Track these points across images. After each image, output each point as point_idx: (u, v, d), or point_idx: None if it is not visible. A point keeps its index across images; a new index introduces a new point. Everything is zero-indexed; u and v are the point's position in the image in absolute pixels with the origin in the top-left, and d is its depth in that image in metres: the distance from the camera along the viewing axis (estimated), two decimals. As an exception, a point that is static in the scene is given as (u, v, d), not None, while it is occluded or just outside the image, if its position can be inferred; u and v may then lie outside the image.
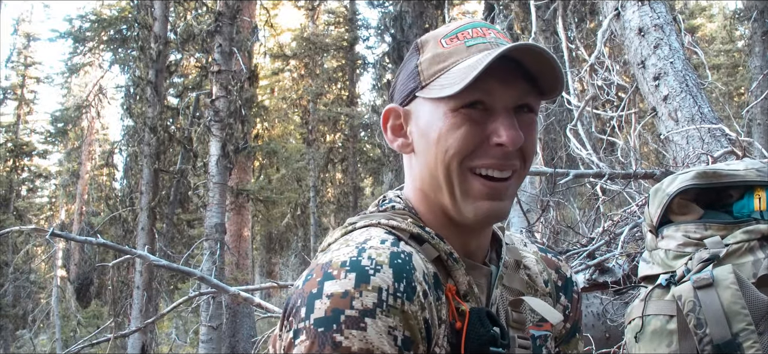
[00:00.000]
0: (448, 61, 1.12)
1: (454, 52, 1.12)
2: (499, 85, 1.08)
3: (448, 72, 1.10)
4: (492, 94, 1.08)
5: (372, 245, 1.02)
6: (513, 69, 1.09)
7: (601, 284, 3.48)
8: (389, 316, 0.94)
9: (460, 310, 1.06)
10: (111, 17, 17.46)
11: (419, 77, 1.14)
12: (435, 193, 1.14)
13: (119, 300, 14.38)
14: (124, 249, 4.29)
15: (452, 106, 1.09)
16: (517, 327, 1.19)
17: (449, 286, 1.08)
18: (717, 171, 1.75)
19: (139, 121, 13.09)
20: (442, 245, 1.11)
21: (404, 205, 1.19)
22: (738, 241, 1.62)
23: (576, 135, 4.91)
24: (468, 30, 1.15)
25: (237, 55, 11.85)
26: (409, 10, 12.76)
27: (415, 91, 1.15)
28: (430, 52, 1.15)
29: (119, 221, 14.27)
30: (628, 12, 4.43)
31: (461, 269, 1.11)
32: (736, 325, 1.50)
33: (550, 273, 1.35)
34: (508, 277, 1.24)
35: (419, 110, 1.15)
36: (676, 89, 3.99)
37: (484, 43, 1.12)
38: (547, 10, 8.06)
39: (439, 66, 1.12)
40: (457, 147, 1.08)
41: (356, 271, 0.96)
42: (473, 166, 1.10)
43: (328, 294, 0.94)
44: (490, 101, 1.09)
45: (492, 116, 1.09)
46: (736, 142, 3.61)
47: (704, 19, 20.98)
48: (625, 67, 5.67)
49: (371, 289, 0.94)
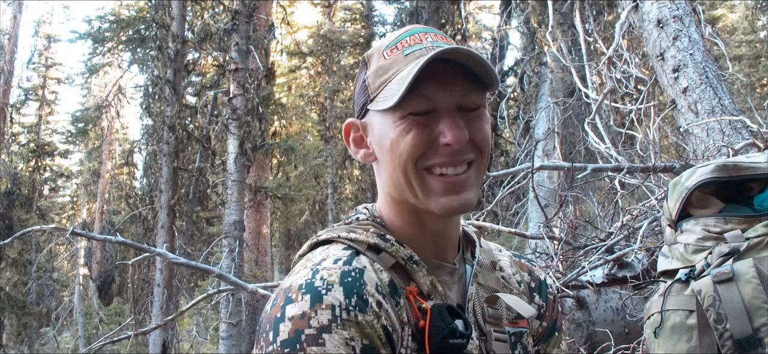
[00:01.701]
0: (389, 72, 1.18)
1: (393, 63, 1.18)
2: (438, 88, 1.14)
3: (390, 83, 1.17)
4: (434, 98, 1.14)
5: (324, 266, 1.10)
6: (452, 69, 1.15)
7: (620, 279, 3.46)
8: (344, 329, 1.02)
9: (422, 308, 1.12)
10: (129, 17, 17.56)
11: (368, 91, 1.21)
12: (401, 195, 1.20)
13: (140, 297, 14.50)
14: (144, 247, 4.32)
15: (399, 115, 1.15)
16: (493, 322, 1.26)
17: (410, 289, 1.15)
18: (737, 164, 1.72)
19: (157, 120, 13.17)
20: (400, 251, 1.18)
21: (369, 215, 1.27)
22: (759, 235, 1.60)
23: (594, 129, 4.88)
24: (406, 38, 1.21)
25: (254, 54, 11.89)
26: (426, 5, 12.72)
27: (366, 105, 1.22)
28: (374, 65, 1.21)
29: (139, 219, 14.38)
30: (647, 3, 4.38)
31: (422, 271, 1.17)
32: (758, 319, 1.49)
33: (523, 275, 1.42)
34: (483, 276, 1.30)
35: (373, 122, 1.21)
36: (695, 81, 3.95)
37: (420, 49, 1.18)
38: (564, 3, 8.01)
39: (382, 78, 1.19)
40: (409, 152, 1.15)
41: (311, 292, 1.05)
42: (428, 166, 1.16)
43: (290, 317, 1.03)
44: (433, 103, 1.15)
45: (437, 117, 1.15)
46: (757, 134, 3.56)
47: (725, 10, 20.72)
48: (644, 60, 5.62)
49: (325, 307, 1.03)
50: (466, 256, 1.31)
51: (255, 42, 12.17)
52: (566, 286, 3.46)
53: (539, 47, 9.61)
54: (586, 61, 5.83)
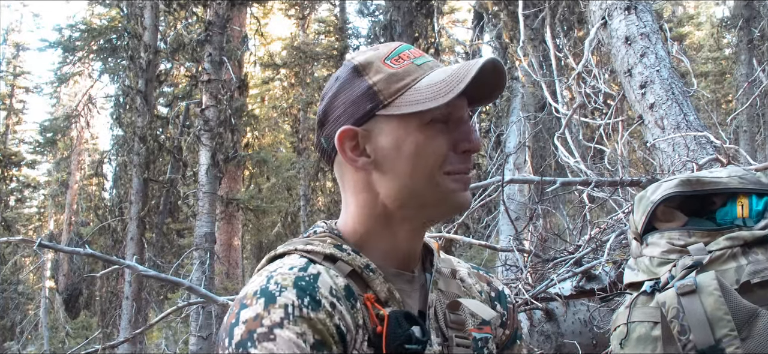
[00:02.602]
0: (407, 79, 1.20)
1: (408, 71, 1.21)
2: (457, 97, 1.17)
3: (412, 88, 1.19)
4: (455, 106, 1.19)
5: (279, 272, 1.13)
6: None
7: (587, 291, 3.50)
8: (296, 324, 1.04)
9: (380, 315, 1.14)
10: (101, 27, 17.40)
11: (378, 96, 1.20)
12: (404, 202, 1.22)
13: (108, 311, 14.32)
14: (112, 259, 4.28)
15: (423, 121, 1.18)
16: (455, 327, 1.28)
17: (367, 296, 1.17)
18: (700, 178, 1.76)
19: (128, 131, 13.05)
20: (356, 260, 1.19)
21: (327, 229, 1.28)
22: (721, 248, 1.63)
23: (564, 143, 4.94)
24: (406, 51, 1.25)
25: (227, 65, 11.86)
26: (399, 19, 12.79)
27: (374, 110, 1.20)
28: (381, 73, 1.21)
29: (108, 231, 14.22)
30: (615, 21, 4.46)
31: (379, 278, 1.19)
32: (719, 330, 1.52)
33: (483, 285, 1.44)
34: (444, 283, 1.33)
35: (381, 128, 1.21)
36: (662, 97, 4.02)
37: (429, 61, 1.24)
38: (535, 19, 8.11)
39: (399, 84, 1.20)
40: (437, 154, 1.19)
41: (265, 295, 1.07)
42: (446, 170, 1.20)
43: (244, 320, 1.05)
44: (452, 113, 1.20)
45: (453, 125, 1.21)
46: (721, 150, 3.63)
47: (692, 27, 21.10)
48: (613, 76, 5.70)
49: (278, 306, 1.05)
50: (426, 265, 1.33)
51: (228, 53, 12.14)
52: (535, 298, 3.49)
53: (511, 62, 9.70)
54: (556, 76, 5.91)
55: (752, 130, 11.62)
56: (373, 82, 1.21)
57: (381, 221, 1.24)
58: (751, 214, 1.69)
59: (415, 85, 1.19)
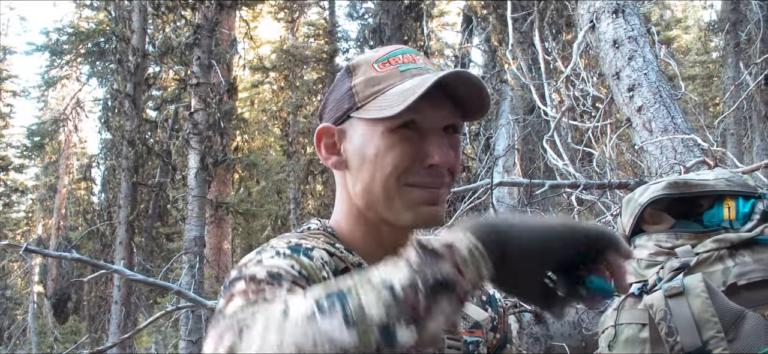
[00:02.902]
0: (383, 84, 1.20)
1: (388, 76, 1.20)
2: (430, 107, 1.16)
3: (385, 94, 1.18)
4: (424, 116, 1.17)
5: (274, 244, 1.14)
6: (441, 93, 1.18)
7: (577, 294, 3.51)
8: (286, 259, 1.05)
9: None
10: (88, 30, 17.34)
11: (354, 98, 1.22)
12: (369, 205, 1.22)
13: (97, 315, 14.26)
14: (100, 264, 4.25)
15: (389, 126, 1.17)
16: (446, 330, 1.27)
17: None
18: (687, 181, 1.77)
19: (117, 135, 13.02)
20: (349, 258, 1.21)
21: (321, 226, 1.29)
22: (708, 250, 1.65)
23: (553, 146, 4.96)
24: (399, 56, 1.24)
25: (216, 68, 11.83)
26: (389, 22, 12.82)
27: (349, 112, 1.22)
28: (364, 75, 1.23)
29: (97, 235, 14.17)
30: (603, 24, 4.48)
31: None
32: (706, 332, 1.53)
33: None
34: None
35: (354, 129, 1.22)
36: (650, 100, 4.04)
37: (416, 68, 1.21)
38: (524, 22, 8.14)
39: (375, 88, 1.20)
40: (394, 164, 1.17)
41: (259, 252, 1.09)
42: (410, 182, 1.18)
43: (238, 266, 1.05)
44: (422, 122, 1.17)
45: (424, 137, 1.18)
46: (708, 152, 3.66)
47: (680, 31, 21.23)
48: (601, 79, 5.73)
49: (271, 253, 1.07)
50: None
51: (217, 56, 12.11)
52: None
53: (500, 65, 9.73)
54: (545, 79, 5.93)
55: (739, 132, 11.69)
56: (354, 84, 1.23)
57: (360, 220, 1.25)
58: (737, 217, 1.70)
59: (388, 91, 1.18)
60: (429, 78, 1.13)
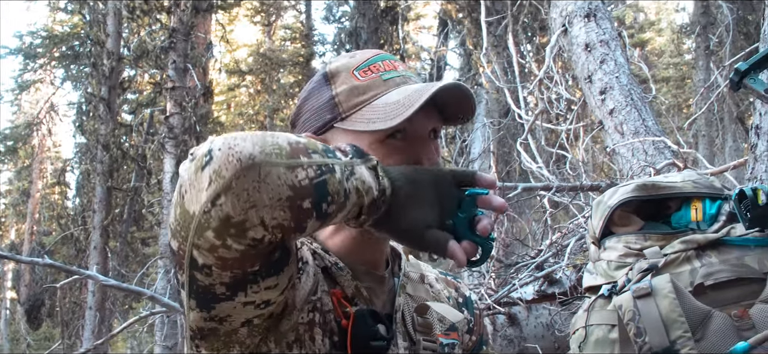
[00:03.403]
0: (368, 93, 1.19)
1: (371, 86, 1.20)
2: (419, 115, 1.15)
3: (371, 105, 1.18)
4: (413, 124, 1.16)
5: None
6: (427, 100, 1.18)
7: (549, 296, 3.53)
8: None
9: (346, 311, 1.15)
10: (63, 33, 17.15)
11: (338, 108, 1.20)
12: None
13: (71, 321, 14.09)
14: (72, 269, 4.21)
15: (378, 137, 1.17)
16: (422, 331, 1.29)
17: (334, 292, 1.17)
18: (656, 183, 1.79)
19: (91, 139, 12.89)
20: (326, 258, 1.21)
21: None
22: (676, 251, 1.66)
23: (527, 148, 4.99)
24: (379, 63, 1.23)
25: (191, 72, 11.76)
26: (365, 26, 12.83)
27: (332, 122, 1.21)
28: (346, 84, 1.21)
29: (71, 240, 14.02)
30: (575, 28, 4.53)
31: (346, 276, 1.20)
32: (674, 332, 1.54)
33: (451, 291, 1.46)
34: (412, 287, 1.34)
35: (337, 140, 1.19)
36: (621, 103, 4.09)
37: (399, 76, 1.21)
38: (498, 26, 8.18)
39: (360, 99, 1.19)
40: None
41: None
42: None
43: None
44: (410, 130, 1.17)
45: (411, 144, 1.18)
46: (678, 155, 3.70)
47: (653, 33, 21.42)
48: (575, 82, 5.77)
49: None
50: (395, 270, 1.34)
51: (193, 60, 12.04)
52: (498, 303, 3.51)
53: (475, 68, 9.77)
54: (519, 82, 5.97)
55: (711, 134, 11.85)
56: (336, 94, 1.21)
57: (339, 229, 1.25)
58: (704, 218, 1.72)
59: (374, 102, 1.18)
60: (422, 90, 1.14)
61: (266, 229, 0.86)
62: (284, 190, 0.84)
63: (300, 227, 0.89)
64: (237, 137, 0.86)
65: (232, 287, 0.94)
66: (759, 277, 1.57)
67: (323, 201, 0.87)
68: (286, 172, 0.85)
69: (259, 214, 0.84)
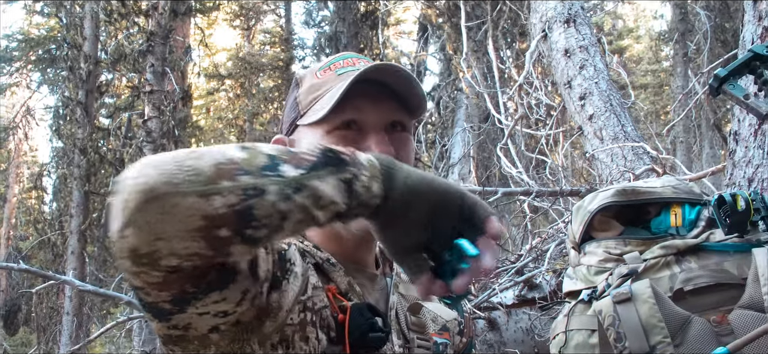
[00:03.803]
0: (321, 89, 1.22)
1: (326, 81, 1.23)
2: (370, 104, 1.18)
3: (321, 99, 1.20)
4: (364, 113, 1.18)
5: None
6: (382, 91, 1.19)
7: (529, 300, 3.54)
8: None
9: (342, 306, 1.15)
10: (39, 37, 17.00)
11: (298, 107, 1.25)
12: None
13: (49, 327, 13.93)
14: (48, 275, 4.16)
15: (327, 129, 1.18)
16: (416, 330, 1.29)
17: (329, 287, 1.17)
18: (635, 188, 1.80)
19: (68, 143, 12.77)
20: (318, 254, 1.21)
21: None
22: (655, 256, 1.67)
23: (507, 153, 5.00)
24: (340, 61, 1.27)
25: (170, 75, 11.69)
26: (344, 30, 12.84)
27: (295, 121, 1.25)
28: (307, 84, 1.26)
29: (48, 245, 13.87)
30: (555, 34, 4.55)
31: (339, 272, 1.21)
32: (653, 337, 1.55)
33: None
34: (404, 287, 1.34)
35: (301, 137, 1.24)
36: (600, 109, 4.11)
37: (354, 70, 1.21)
38: (478, 31, 8.21)
39: (314, 95, 1.23)
40: None
41: None
42: None
43: None
44: (361, 119, 1.19)
45: (365, 135, 1.18)
46: (657, 160, 3.72)
47: (632, 40, 21.61)
48: (555, 87, 5.80)
49: None
50: (386, 271, 1.34)
51: (171, 64, 11.98)
52: (478, 307, 3.52)
53: (455, 73, 9.80)
54: (499, 87, 5.99)
55: (689, 141, 11.96)
56: (297, 94, 1.27)
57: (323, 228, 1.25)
58: (684, 223, 1.73)
59: (325, 96, 1.20)
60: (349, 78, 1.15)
61: (180, 258, 0.82)
62: (194, 220, 0.79)
63: (222, 253, 0.84)
64: (147, 165, 0.80)
65: (177, 303, 0.91)
66: (738, 282, 1.58)
67: (248, 227, 0.81)
68: (198, 201, 0.78)
69: (169, 246, 0.80)
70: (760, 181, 2.36)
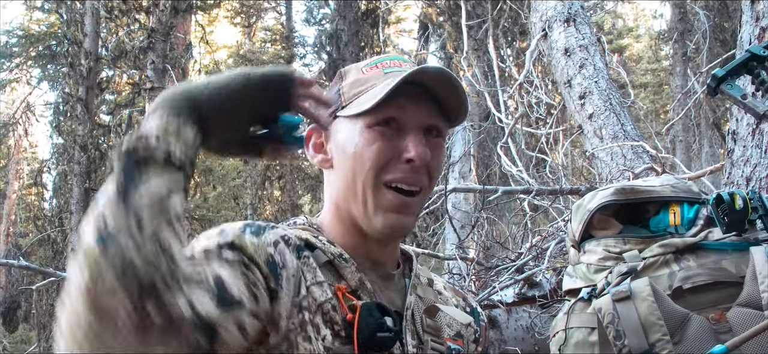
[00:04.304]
0: (367, 84, 1.23)
1: (371, 78, 1.24)
2: (411, 104, 1.19)
3: (366, 93, 1.21)
4: (404, 111, 1.19)
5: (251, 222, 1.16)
6: (424, 94, 1.20)
7: (529, 298, 3.55)
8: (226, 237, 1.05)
9: (352, 305, 1.15)
10: (39, 33, 16.97)
11: (340, 99, 1.25)
12: (348, 204, 1.24)
13: (48, 324, 13.93)
14: (48, 271, 4.17)
15: (368, 123, 1.19)
16: (431, 332, 1.29)
17: (339, 286, 1.17)
18: (634, 187, 1.81)
19: (68, 139, 12.76)
20: (331, 248, 1.21)
21: (307, 222, 1.30)
22: (654, 255, 1.68)
23: (507, 152, 5.01)
24: (387, 61, 1.28)
25: (171, 73, 11.68)
26: (345, 28, 12.83)
27: (336, 112, 1.25)
28: (352, 77, 1.26)
29: (48, 242, 13.85)
30: (555, 33, 4.56)
31: (350, 267, 1.21)
32: (653, 335, 1.56)
33: (458, 300, 1.46)
34: (422, 289, 1.35)
35: (339, 128, 1.24)
36: (600, 108, 4.12)
37: (400, 71, 1.22)
38: (479, 30, 8.21)
39: (358, 89, 1.23)
40: (372, 161, 1.18)
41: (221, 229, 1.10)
42: (386, 181, 1.19)
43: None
44: (402, 118, 1.19)
45: (403, 134, 1.19)
46: (656, 159, 3.74)
47: (632, 39, 21.60)
48: (555, 86, 5.81)
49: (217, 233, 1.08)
50: (405, 271, 1.35)
51: (172, 61, 11.97)
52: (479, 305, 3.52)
53: (455, 72, 9.80)
54: (499, 86, 6.00)
55: (688, 140, 11.97)
56: (341, 86, 1.27)
57: (341, 219, 1.26)
58: (682, 222, 1.74)
59: (370, 91, 1.21)
60: (399, 75, 1.16)
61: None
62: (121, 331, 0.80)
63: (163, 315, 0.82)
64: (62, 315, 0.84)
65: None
66: (736, 280, 1.59)
67: (140, 281, 0.81)
68: (107, 326, 0.80)
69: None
70: (758, 179, 2.37)
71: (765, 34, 2.47)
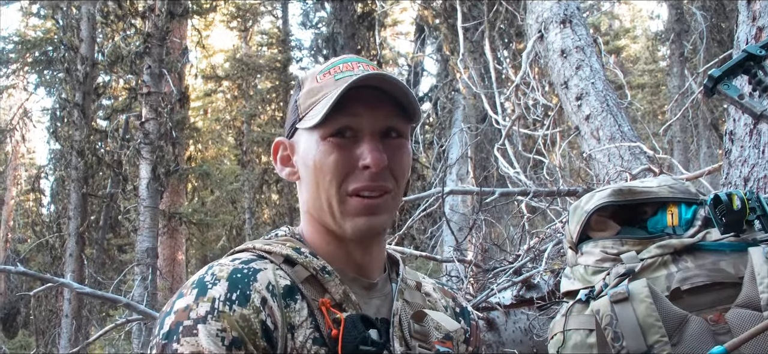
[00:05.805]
0: (319, 94, 1.22)
1: (324, 86, 1.22)
2: (366, 109, 1.18)
3: (318, 104, 1.20)
4: (358, 118, 1.18)
5: (220, 263, 1.16)
6: (380, 96, 1.19)
7: (527, 300, 3.55)
8: (218, 320, 1.06)
9: (336, 319, 1.15)
10: (36, 38, 16.96)
11: (298, 110, 1.25)
12: (319, 213, 1.23)
13: (48, 329, 13.91)
14: (46, 277, 4.16)
15: (322, 135, 1.19)
16: (419, 338, 1.28)
17: (323, 300, 1.17)
18: (632, 188, 1.80)
19: (65, 145, 12.77)
20: (313, 262, 1.21)
21: (289, 233, 1.30)
22: (652, 256, 1.67)
23: (504, 154, 5.01)
24: (339, 65, 1.26)
25: (167, 77, 11.69)
26: (341, 31, 12.84)
27: (295, 124, 1.25)
28: (307, 87, 1.26)
29: (47, 248, 13.84)
30: (551, 34, 4.56)
31: (334, 281, 1.20)
32: (651, 337, 1.55)
33: (448, 301, 1.46)
34: (409, 294, 1.34)
35: (300, 141, 1.25)
36: (597, 109, 4.12)
37: (351, 75, 1.21)
38: (475, 32, 8.21)
39: (312, 99, 1.22)
40: (332, 173, 1.18)
41: (198, 286, 1.10)
42: (349, 191, 1.19)
43: (175, 310, 1.08)
44: (356, 125, 1.19)
45: (359, 141, 1.19)
46: (653, 160, 3.73)
47: (628, 40, 21.63)
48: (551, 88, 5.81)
49: (207, 299, 1.08)
50: (392, 276, 1.34)
51: (168, 65, 11.98)
52: (476, 307, 3.52)
53: (452, 74, 9.80)
54: (496, 88, 6.00)
55: (685, 140, 11.99)
56: (298, 97, 1.27)
57: (318, 228, 1.26)
58: (680, 223, 1.73)
59: (322, 101, 1.20)
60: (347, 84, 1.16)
61: None
62: None
63: None
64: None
65: None
66: (734, 281, 1.58)
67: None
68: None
69: None
70: (755, 180, 2.37)
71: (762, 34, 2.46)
